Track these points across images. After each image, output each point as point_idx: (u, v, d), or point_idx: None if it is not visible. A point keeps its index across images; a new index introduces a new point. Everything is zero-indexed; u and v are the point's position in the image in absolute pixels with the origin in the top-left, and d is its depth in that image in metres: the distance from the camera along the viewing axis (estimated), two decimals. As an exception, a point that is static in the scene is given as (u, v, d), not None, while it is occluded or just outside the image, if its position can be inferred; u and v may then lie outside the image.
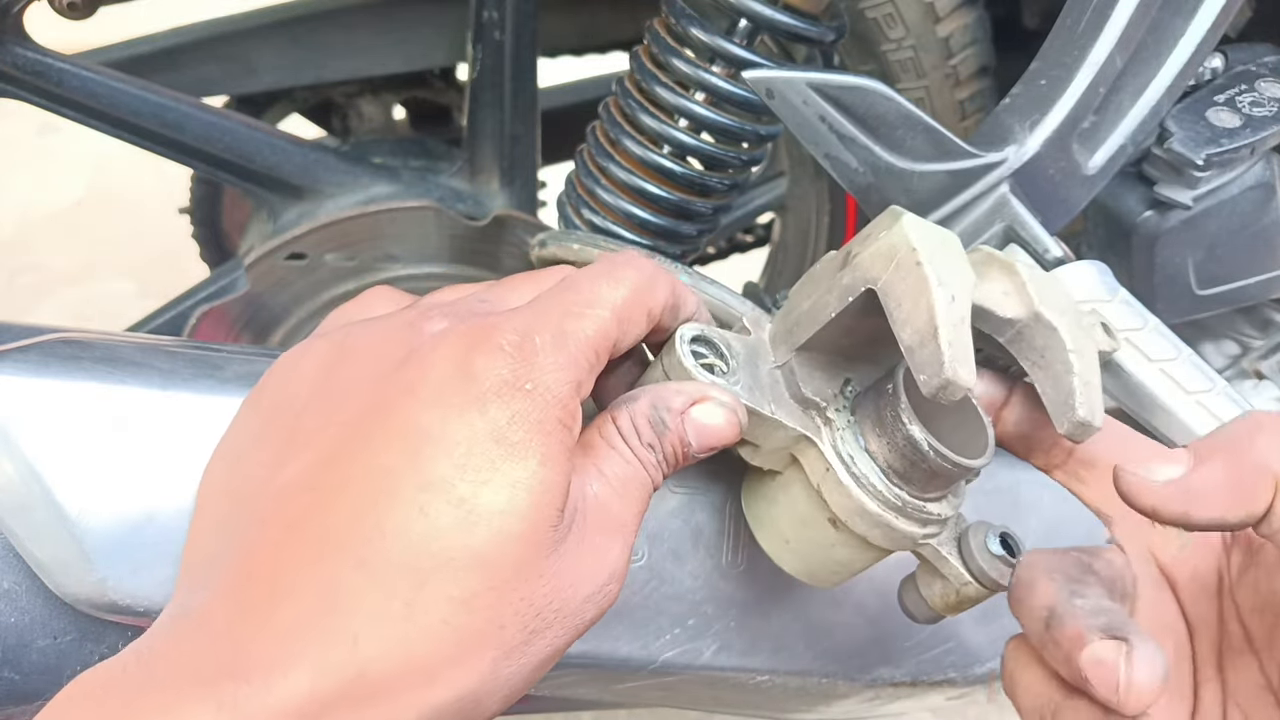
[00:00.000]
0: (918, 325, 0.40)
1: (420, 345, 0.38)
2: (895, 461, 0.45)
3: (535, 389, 0.37)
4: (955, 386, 0.39)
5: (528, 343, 0.37)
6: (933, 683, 0.61)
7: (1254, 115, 0.64)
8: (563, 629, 0.37)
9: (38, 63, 0.73)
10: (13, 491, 0.45)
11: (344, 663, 0.33)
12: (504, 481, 0.35)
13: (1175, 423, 0.57)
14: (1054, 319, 0.43)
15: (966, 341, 0.40)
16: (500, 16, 0.80)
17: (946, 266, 0.41)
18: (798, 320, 0.45)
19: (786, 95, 0.57)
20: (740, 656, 0.55)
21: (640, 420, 0.41)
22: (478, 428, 0.36)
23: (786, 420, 0.45)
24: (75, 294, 1.82)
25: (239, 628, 0.34)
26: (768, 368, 0.46)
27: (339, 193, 0.85)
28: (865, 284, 0.42)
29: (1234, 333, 0.78)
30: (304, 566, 0.35)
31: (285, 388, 0.41)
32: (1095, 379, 0.44)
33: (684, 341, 0.44)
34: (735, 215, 1.01)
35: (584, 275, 0.42)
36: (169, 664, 0.34)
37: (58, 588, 0.45)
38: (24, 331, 0.49)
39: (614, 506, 0.39)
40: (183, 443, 0.46)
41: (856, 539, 0.46)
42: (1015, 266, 0.44)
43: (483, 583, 0.35)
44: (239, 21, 0.94)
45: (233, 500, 0.39)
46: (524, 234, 0.85)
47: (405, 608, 0.34)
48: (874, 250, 0.42)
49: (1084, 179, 0.61)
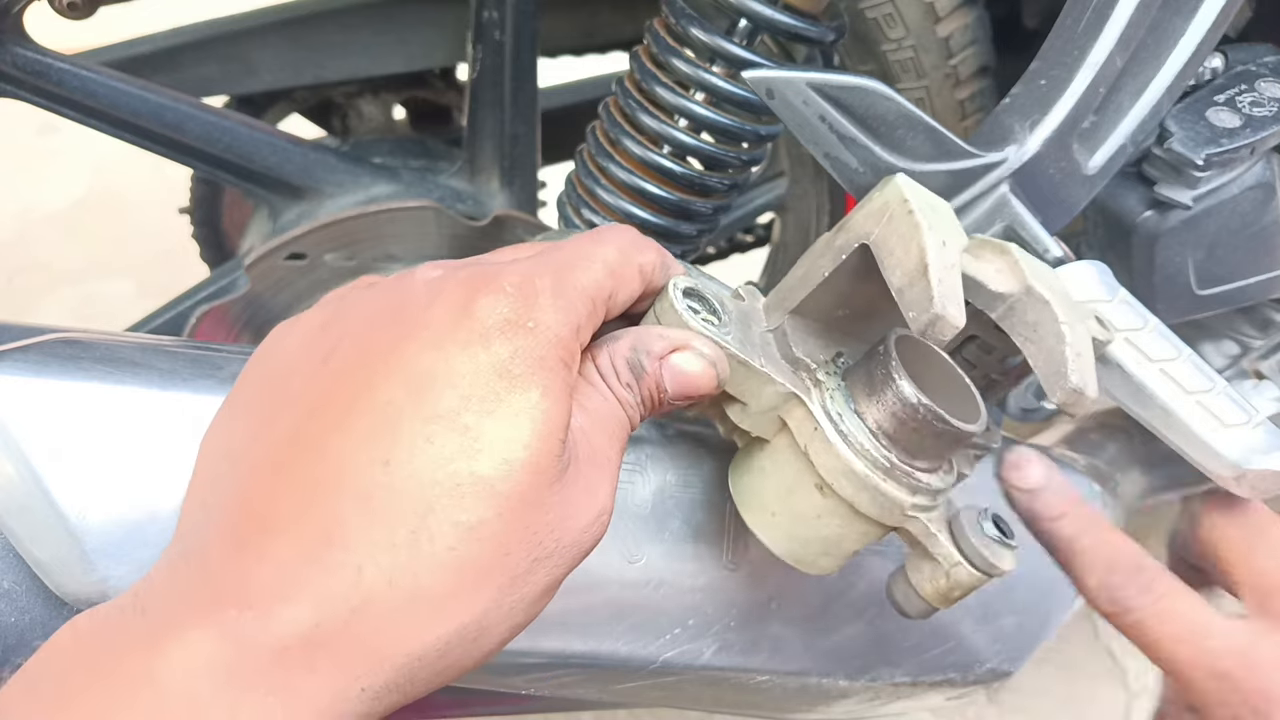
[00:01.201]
0: (908, 267, 0.40)
1: (417, 294, 0.39)
2: (885, 421, 0.45)
3: (537, 327, 0.38)
4: (944, 322, 0.40)
5: (528, 285, 0.38)
6: (933, 683, 0.61)
7: (1254, 115, 0.64)
8: (562, 559, 0.38)
9: (38, 63, 0.73)
10: (13, 491, 0.45)
11: (348, 593, 0.33)
12: (508, 411, 0.36)
13: (1175, 423, 0.57)
14: (1045, 293, 0.44)
15: (956, 283, 0.41)
16: (500, 16, 0.80)
17: (938, 219, 0.42)
18: (791, 285, 0.46)
19: (786, 95, 0.57)
20: (740, 656, 0.55)
21: (619, 360, 0.42)
22: (481, 361, 0.36)
23: (776, 375, 0.45)
24: (75, 294, 1.82)
25: (237, 561, 0.34)
26: (760, 330, 0.47)
27: (339, 193, 0.85)
28: (858, 240, 0.42)
29: (1234, 333, 0.78)
30: (303, 501, 0.35)
31: (279, 349, 0.41)
32: (1087, 350, 0.44)
33: (676, 288, 0.45)
34: (735, 215, 1.01)
35: (574, 240, 0.43)
36: (166, 598, 0.34)
37: (58, 588, 0.45)
38: (24, 331, 0.49)
39: (598, 441, 0.40)
40: (183, 443, 0.46)
41: (844, 507, 0.46)
42: (1008, 246, 0.45)
43: (490, 509, 0.35)
44: (239, 21, 0.94)
45: (228, 458, 0.39)
46: (524, 234, 0.85)
47: (411, 535, 0.34)
48: (867, 209, 0.43)
49: (1084, 179, 0.61)
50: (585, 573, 0.52)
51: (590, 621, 0.52)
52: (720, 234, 1.11)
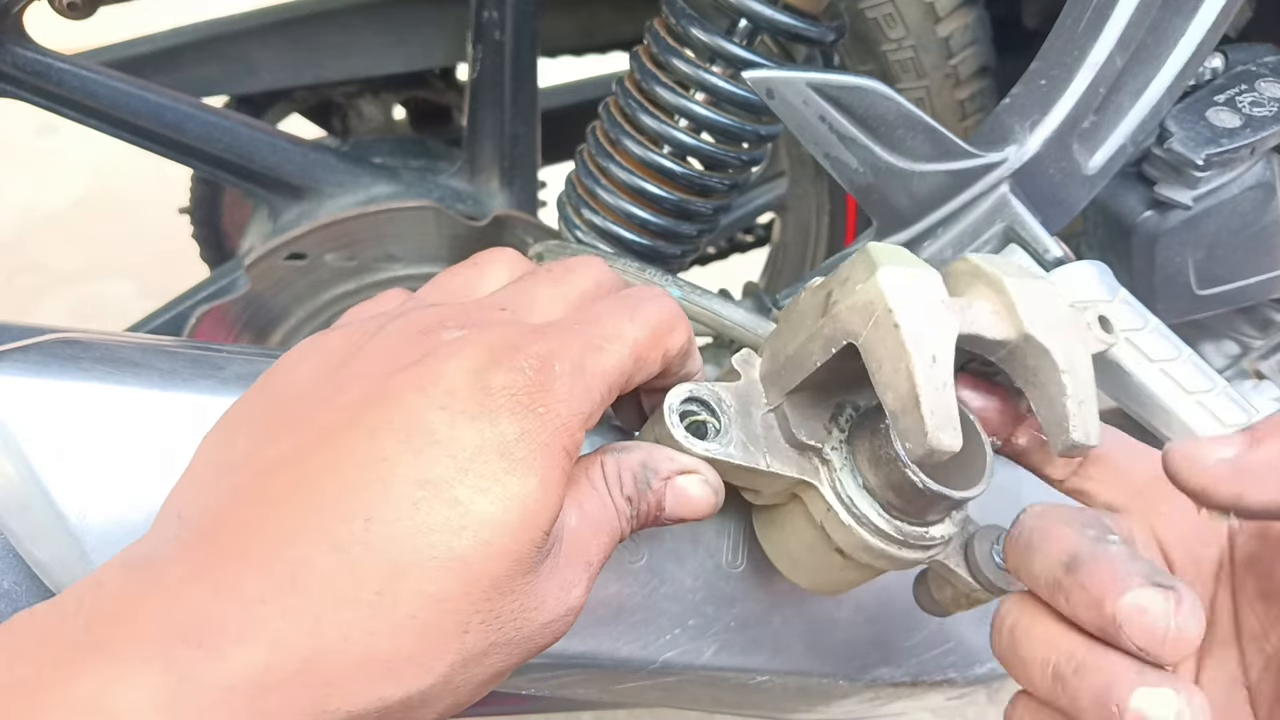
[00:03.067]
0: (899, 391, 0.40)
1: (437, 349, 0.38)
2: (892, 497, 0.45)
3: (547, 413, 0.37)
4: (939, 454, 0.40)
5: (547, 368, 0.38)
6: (933, 683, 0.61)
7: (1254, 115, 0.64)
8: (517, 649, 0.37)
9: (38, 63, 0.73)
10: (13, 491, 0.44)
11: (302, 641, 0.33)
12: (502, 494, 0.36)
13: (1175, 423, 0.57)
14: (1044, 339, 0.43)
15: (950, 405, 0.40)
16: (500, 16, 0.80)
17: (926, 321, 0.40)
18: (784, 365, 0.46)
19: (786, 95, 0.57)
20: (740, 656, 0.55)
21: (626, 472, 0.42)
22: (486, 437, 0.36)
23: (783, 470, 0.46)
24: (75, 294, 1.82)
25: (196, 587, 0.33)
26: (760, 413, 0.46)
27: (339, 193, 0.85)
28: (845, 338, 0.42)
29: (1234, 333, 0.78)
30: (276, 539, 0.34)
31: (292, 372, 0.41)
32: (1089, 395, 0.43)
33: (672, 411, 0.44)
34: (735, 215, 1.01)
35: (609, 309, 0.42)
36: (116, 617, 0.33)
37: (58, 588, 0.45)
38: (24, 331, 0.49)
39: (584, 538, 0.40)
40: (183, 443, 0.46)
41: (864, 565, 0.47)
42: (1003, 283, 0.44)
43: (460, 587, 0.35)
44: (239, 21, 0.94)
45: (218, 468, 0.38)
46: (524, 234, 0.85)
47: (375, 597, 0.34)
48: (851, 304, 0.42)
49: (1084, 179, 0.61)
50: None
51: (590, 621, 0.52)
52: (720, 234, 1.11)
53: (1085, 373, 0.44)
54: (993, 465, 0.46)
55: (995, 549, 0.48)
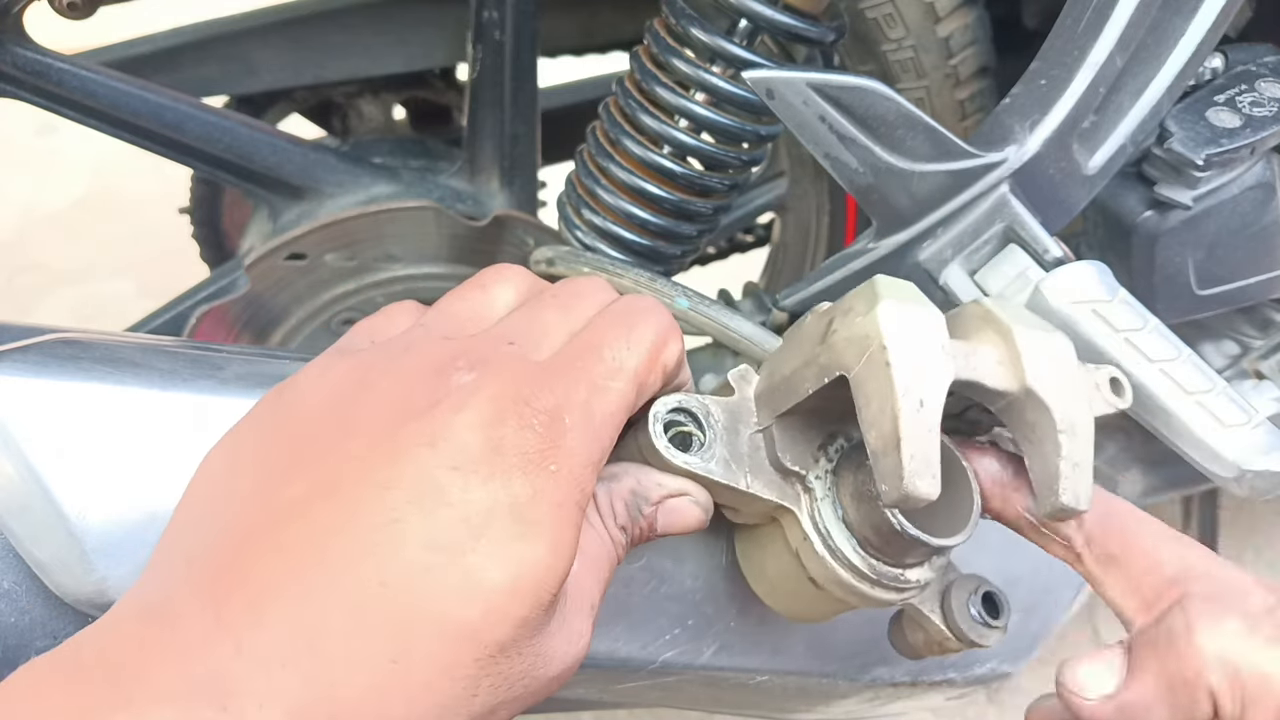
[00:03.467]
0: (882, 431, 0.39)
1: (447, 397, 0.38)
2: (870, 535, 0.45)
3: (559, 470, 0.37)
4: (915, 500, 0.39)
5: (557, 424, 0.38)
6: (933, 683, 0.61)
7: (1254, 115, 0.64)
8: (524, 702, 0.38)
9: (38, 63, 0.73)
10: (13, 491, 0.45)
11: (320, 707, 0.33)
12: (513, 559, 0.36)
13: (1175, 423, 0.57)
14: (1046, 395, 0.42)
15: (932, 452, 0.39)
16: (500, 16, 0.80)
17: (919, 364, 0.40)
18: (779, 386, 0.45)
19: (786, 95, 0.57)
20: (740, 656, 0.55)
21: (619, 502, 0.42)
22: (499, 499, 0.36)
23: (763, 493, 0.45)
24: (75, 294, 1.82)
25: (218, 647, 0.34)
26: (749, 432, 0.46)
27: (339, 193, 0.85)
28: (838, 369, 0.41)
29: (1234, 333, 0.78)
30: (292, 596, 0.34)
31: (302, 401, 0.41)
32: (1086, 459, 0.42)
33: (657, 421, 0.44)
34: (735, 215, 1.01)
35: (607, 335, 0.42)
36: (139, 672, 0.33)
37: (58, 588, 0.45)
38: (24, 331, 0.49)
39: (586, 584, 0.40)
40: (183, 443, 0.46)
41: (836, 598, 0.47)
42: (1012, 333, 0.43)
43: (470, 655, 0.35)
44: (239, 21, 0.94)
45: (225, 500, 0.38)
46: (524, 234, 0.85)
47: (390, 665, 0.34)
48: (848, 335, 0.41)
49: (1084, 179, 0.61)
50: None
51: (590, 621, 0.52)
52: (720, 234, 1.11)
53: (1085, 435, 0.43)
54: (978, 516, 0.45)
55: (973, 600, 0.48)
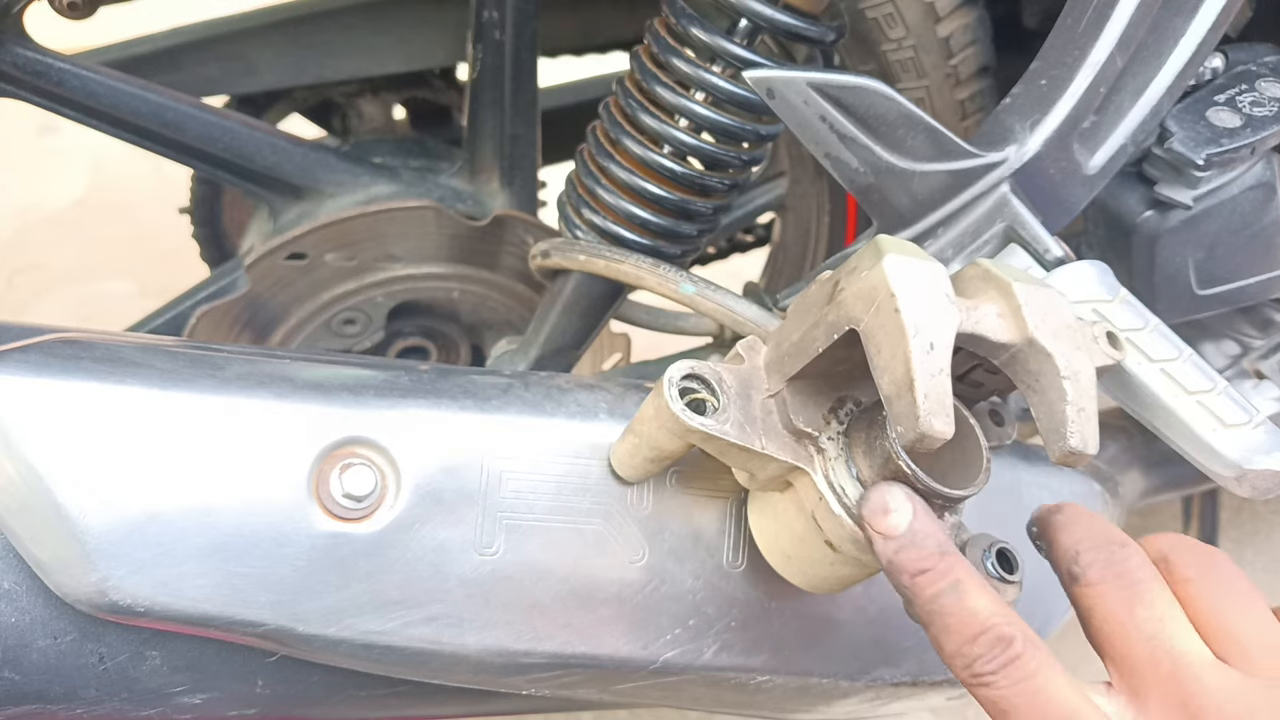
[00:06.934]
0: (895, 375, 0.40)
1: None
2: None
3: None
4: (931, 439, 0.40)
5: None
6: (933, 683, 0.60)
7: (1254, 115, 0.64)
8: None
9: (38, 63, 0.73)
10: (13, 491, 0.45)
11: None
12: None
13: (1176, 423, 0.57)
14: (1048, 344, 0.43)
15: (944, 392, 0.40)
16: (500, 16, 0.80)
17: (927, 310, 0.41)
18: (788, 351, 0.46)
19: (787, 95, 0.57)
20: (740, 656, 0.55)
21: None
22: None
23: (778, 454, 0.46)
24: (75, 294, 1.82)
25: None
26: (761, 397, 0.47)
27: (339, 192, 0.85)
28: (848, 324, 0.42)
29: (1234, 332, 0.78)
30: None
31: None
32: (1090, 404, 0.43)
33: (672, 385, 0.45)
34: (735, 215, 1.01)
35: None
36: None
37: (58, 588, 0.45)
38: (24, 331, 0.49)
39: None
40: (183, 443, 0.46)
41: (853, 559, 0.47)
42: (1012, 287, 0.44)
43: None
44: (239, 21, 0.94)
45: None
46: (524, 234, 0.85)
47: None
48: (856, 289, 0.42)
49: (1084, 179, 0.61)
50: (586, 574, 0.52)
51: (590, 622, 0.52)
52: (720, 234, 1.11)
53: (1087, 381, 0.44)
54: (989, 470, 0.46)
55: (987, 556, 0.48)
